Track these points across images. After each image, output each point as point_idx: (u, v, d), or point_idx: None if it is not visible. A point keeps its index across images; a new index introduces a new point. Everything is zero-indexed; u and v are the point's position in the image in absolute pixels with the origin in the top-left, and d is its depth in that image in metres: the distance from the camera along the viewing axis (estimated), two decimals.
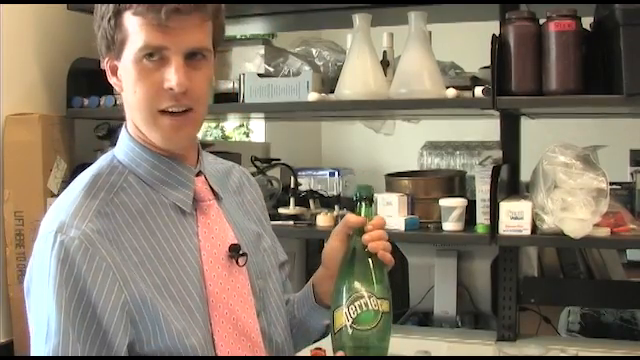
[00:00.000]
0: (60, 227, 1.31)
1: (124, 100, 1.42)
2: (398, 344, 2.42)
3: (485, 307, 2.73)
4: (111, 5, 1.35)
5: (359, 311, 1.40)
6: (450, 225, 2.38)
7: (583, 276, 2.95)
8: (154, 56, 1.34)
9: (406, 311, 2.82)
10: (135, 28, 1.33)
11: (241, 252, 1.46)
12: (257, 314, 1.47)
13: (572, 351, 2.31)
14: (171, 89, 1.33)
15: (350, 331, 1.40)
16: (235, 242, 1.46)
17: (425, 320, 2.81)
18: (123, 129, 1.46)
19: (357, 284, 1.42)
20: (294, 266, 2.98)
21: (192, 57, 1.36)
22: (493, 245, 2.36)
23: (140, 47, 1.33)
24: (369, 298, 1.40)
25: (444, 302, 2.70)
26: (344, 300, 1.41)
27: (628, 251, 3.62)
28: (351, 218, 1.49)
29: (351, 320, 1.40)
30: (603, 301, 2.86)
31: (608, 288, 2.84)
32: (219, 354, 1.39)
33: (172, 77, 1.33)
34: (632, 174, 2.62)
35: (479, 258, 2.68)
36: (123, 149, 1.44)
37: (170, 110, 1.35)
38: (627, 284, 3.10)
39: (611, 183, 2.25)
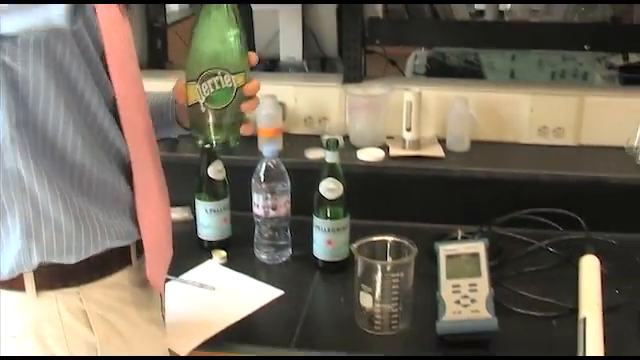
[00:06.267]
0: None
1: None
2: None
3: (331, 51, 2.71)
4: None
5: (212, 90, 1.30)
6: None
7: (428, 17, 2.95)
8: None
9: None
10: None
11: None
12: None
13: (416, 89, 2.32)
14: None
15: (203, 109, 1.32)
16: None
17: (271, 66, 2.77)
18: None
19: (210, 59, 1.30)
20: None
21: None
22: None
23: None
24: (222, 76, 1.30)
25: (290, 47, 2.66)
26: (196, 75, 1.30)
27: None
28: None
29: (204, 98, 1.31)
30: (448, 41, 2.89)
31: (453, 28, 2.84)
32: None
33: None
34: None
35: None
36: None
37: None
38: (472, 23, 3.14)
39: None
